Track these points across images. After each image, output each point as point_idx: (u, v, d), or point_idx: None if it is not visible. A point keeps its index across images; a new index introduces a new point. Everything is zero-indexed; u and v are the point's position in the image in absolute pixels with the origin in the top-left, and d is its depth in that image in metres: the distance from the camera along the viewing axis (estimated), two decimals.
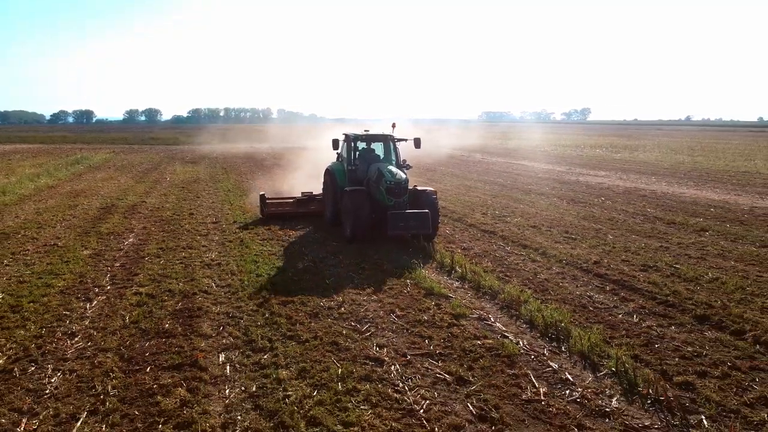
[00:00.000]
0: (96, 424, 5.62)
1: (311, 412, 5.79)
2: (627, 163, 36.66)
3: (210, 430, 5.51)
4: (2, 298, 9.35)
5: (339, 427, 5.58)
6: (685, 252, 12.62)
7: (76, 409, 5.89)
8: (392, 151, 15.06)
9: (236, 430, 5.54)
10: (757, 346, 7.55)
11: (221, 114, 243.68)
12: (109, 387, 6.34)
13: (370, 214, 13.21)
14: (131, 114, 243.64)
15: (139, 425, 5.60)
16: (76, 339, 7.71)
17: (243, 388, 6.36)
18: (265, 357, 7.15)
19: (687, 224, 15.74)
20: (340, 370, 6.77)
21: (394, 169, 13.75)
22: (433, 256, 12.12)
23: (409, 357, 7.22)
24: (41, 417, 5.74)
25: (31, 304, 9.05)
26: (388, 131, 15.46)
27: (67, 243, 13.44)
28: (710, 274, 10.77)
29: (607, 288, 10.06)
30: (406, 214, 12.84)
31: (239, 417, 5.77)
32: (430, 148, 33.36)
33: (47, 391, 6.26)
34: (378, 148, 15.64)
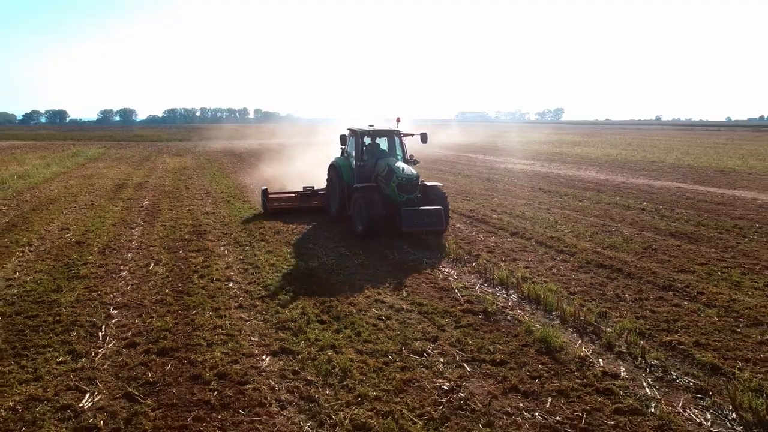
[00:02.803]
0: (160, 266, 10.91)
1: (271, 263, 11.17)
2: (561, 156, 42.44)
3: (220, 269, 10.83)
4: (76, 227, 14.51)
5: (289, 268, 10.94)
6: (539, 206, 18.21)
7: (146, 263, 11.18)
8: (398, 145, 15.24)
9: (233, 267, 10.89)
10: (534, 243, 13.08)
11: (197, 114, 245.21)
12: (161, 256, 11.65)
13: (383, 210, 13.36)
14: (106, 114, 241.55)
15: (182, 266, 10.90)
16: (133, 242, 12.98)
17: (235, 256, 11.72)
18: (247, 248, 12.49)
19: (558, 192, 21.43)
20: (290, 250, 12.16)
21: (404, 165, 13.87)
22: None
23: (335, 251, 12.64)
24: (129, 266, 11.00)
25: (96, 229, 14.25)
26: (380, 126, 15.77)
27: (101, 203, 18.57)
28: (542, 216, 16.37)
29: (470, 223, 15.58)
30: (420, 210, 12.98)
31: (234, 265, 11.12)
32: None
33: (128, 258, 11.55)
34: (383, 143, 15.64)
